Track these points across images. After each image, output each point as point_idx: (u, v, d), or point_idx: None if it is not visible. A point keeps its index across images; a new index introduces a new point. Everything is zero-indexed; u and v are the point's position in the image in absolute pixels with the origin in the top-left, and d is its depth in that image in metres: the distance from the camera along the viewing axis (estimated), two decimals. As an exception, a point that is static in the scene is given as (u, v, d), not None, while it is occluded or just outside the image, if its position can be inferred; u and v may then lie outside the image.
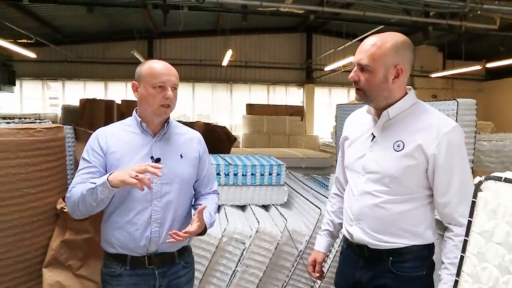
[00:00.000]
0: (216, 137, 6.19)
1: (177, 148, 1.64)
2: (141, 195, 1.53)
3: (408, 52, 1.39)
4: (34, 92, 12.57)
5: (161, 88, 1.54)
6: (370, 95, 1.40)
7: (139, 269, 1.57)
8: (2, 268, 1.99)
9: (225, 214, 2.73)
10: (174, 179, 1.59)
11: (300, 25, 12.36)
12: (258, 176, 3.02)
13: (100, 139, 1.58)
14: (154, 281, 1.58)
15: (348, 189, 1.55)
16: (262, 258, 2.51)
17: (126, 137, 1.60)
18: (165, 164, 1.54)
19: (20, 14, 8.64)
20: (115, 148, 1.56)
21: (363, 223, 1.43)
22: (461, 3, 5.20)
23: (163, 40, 12.34)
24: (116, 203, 1.56)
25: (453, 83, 13.14)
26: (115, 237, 1.56)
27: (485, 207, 0.72)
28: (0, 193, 1.97)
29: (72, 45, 11.80)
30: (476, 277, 0.71)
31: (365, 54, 1.37)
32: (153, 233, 1.54)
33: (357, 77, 1.40)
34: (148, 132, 1.60)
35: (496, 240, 0.69)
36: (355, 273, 1.48)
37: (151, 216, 1.54)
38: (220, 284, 2.49)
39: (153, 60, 1.64)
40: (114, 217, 1.57)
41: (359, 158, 1.48)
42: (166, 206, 1.57)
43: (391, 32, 1.41)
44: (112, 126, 1.66)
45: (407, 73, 1.40)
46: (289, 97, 13.41)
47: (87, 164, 1.55)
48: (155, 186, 1.54)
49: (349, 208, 1.50)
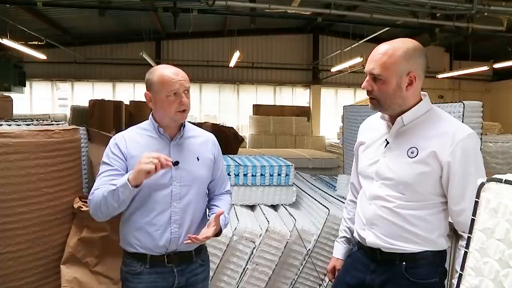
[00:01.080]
0: (224, 137, 6.24)
1: (193, 151, 1.68)
2: (161, 197, 1.58)
3: (420, 58, 1.38)
4: (43, 93, 12.75)
5: (176, 95, 1.56)
6: (384, 104, 1.40)
7: (158, 267, 1.61)
8: (23, 264, 2.08)
9: (235, 214, 2.79)
10: (192, 181, 1.64)
11: (307, 26, 12.40)
12: (268, 176, 3.07)
13: (119, 143, 1.61)
14: (173, 278, 1.63)
15: (361, 194, 1.56)
16: (272, 256, 2.57)
17: (144, 141, 1.63)
18: (183, 167, 1.60)
19: (32, 17, 8.79)
20: (135, 152, 1.59)
21: (376, 227, 1.44)
22: (468, 5, 5.22)
23: (170, 41, 12.45)
24: (136, 205, 1.60)
25: (460, 83, 13.11)
26: (135, 237, 1.60)
27: (487, 207, 0.78)
28: (21, 192, 2.05)
29: (81, 47, 11.96)
30: (479, 271, 0.77)
31: (377, 63, 1.37)
32: (173, 233, 1.59)
33: (370, 87, 1.40)
34: (165, 136, 1.64)
35: (496, 236, 0.75)
36: (365, 276, 1.47)
37: (170, 217, 1.59)
38: (231, 282, 2.55)
39: (162, 67, 1.63)
40: (135, 218, 1.61)
41: (372, 164, 1.48)
42: (185, 207, 1.62)
43: (401, 39, 1.41)
44: (129, 131, 1.69)
45: (421, 79, 1.40)
46: (295, 98, 13.46)
47: (108, 168, 1.58)
48: (175, 188, 1.60)
49: (362, 213, 1.51)
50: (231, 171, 3.01)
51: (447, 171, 1.33)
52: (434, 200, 1.39)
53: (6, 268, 2.02)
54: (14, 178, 2.02)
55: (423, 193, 1.37)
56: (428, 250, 1.38)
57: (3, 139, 1.98)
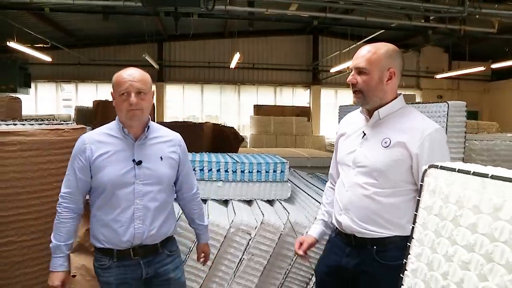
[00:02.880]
0: (224, 137, 6.41)
1: (157, 150, 1.75)
2: (124, 194, 1.67)
3: (399, 59, 1.59)
4: (48, 93, 12.99)
5: (126, 94, 1.62)
6: (367, 96, 1.57)
7: (125, 260, 1.70)
8: (36, 252, 2.26)
9: (232, 208, 2.95)
10: (154, 179, 1.72)
11: (307, 28, 12.57)
12: (263, 173, 3.23)
13: (85, 145, 1.69)
14: (141, 270, 1.72)
15: (339, 182, 1.72)
16: (266, 247, 2.73)
17: (108, 141, 1.70)
18: (146, 166, 1.70)
19: (37, 20, 8.99)
20: (100, 152, 1.67)
21: (351, 212, 1.60)
22: (459, 8, 5.38)
23: (172, 42, 12.63)
24: (101, 202, 1.70)
25: (459, 83, 13.23)
26: (101, 233, 1.70)
27: (428, 189, 0.94)
28: (34, 186, 2.24)
29: (85, 48, 12.17)
30: (421, 241, 0.94)
31: (362, 59, 1.56)
32: (137, 229, 1.68)
33: (355, 80, 1.58)
34: (129, 136, 1.71)
35: (434, 212, 0.91)
36: (341, 259, 1.63)
37: (133, 214, 1.68)
38: (228, 271, 2.71)
39: (125, 68, 1.70)
40: (100, 215, 1.70)
41: (350, 153, 1.65)
42: (147, 204, 1.70)
43: (382, 42, 1.62)
44: (95, 132, 1.76)
45: (398, 77, 1.59)
46: (296, 98, 13.63)
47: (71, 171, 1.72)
48: (137, 186, 1.68)
49: (339, 199, 1.67)
50: (229, 168, 3.17)
51: (416, 161, 1.49)
52: (405, 187, 1.53)
53: (21, 255, 2.21)
54: (28, 173, 2.21)
55: (395, 180, 1.52)
56: (397, 235, 1.53)
57: (18, 137, 2.16)
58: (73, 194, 1.71)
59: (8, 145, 2.14)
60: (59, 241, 1.70)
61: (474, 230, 0.78)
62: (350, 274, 1.60)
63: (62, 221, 1.70)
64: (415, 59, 12.88)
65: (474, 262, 0.77)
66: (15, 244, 2.19)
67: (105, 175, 1.66)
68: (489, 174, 0.77)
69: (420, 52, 12.51)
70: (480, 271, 0.75)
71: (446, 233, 0.85)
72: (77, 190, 1.71)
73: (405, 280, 0.97)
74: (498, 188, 0.74)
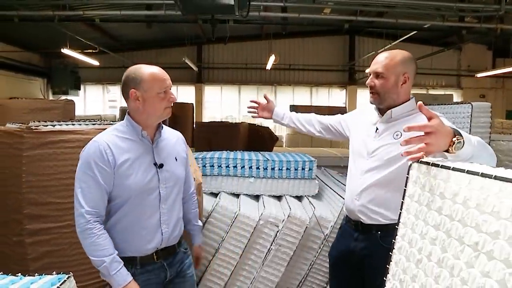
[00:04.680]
0: (259, 136, 6.65)
1: (171, 151, 1.71)
2: (150, 200, 1.60)
3: (412, 64, 1.78)
4: (95, 95, 13.83)
5: (165, 92, 1.60)
6: (383, 97, 1.78)
7: (149, 265, 1.63)
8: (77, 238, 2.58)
9: (263, 202, 3.18)
10: (173, 182, 1.67)
11: (342, 28, 12.56)
12: (292, 170, 3.44)
13: (105, 150, 1.53)
14: (165, 273, 1.67)
15: (352, 170, 1.92)
16: (293, 239, 2.93)
17: (127, 146, 1.58)
18: (166, 169, 1.63)
19: (87, 28, 9.66)
20: (122, 158, 1.54)
21: (363, 198, 1.80)
22: (496, 6, 5.29)
23: (211, 45, 13.04)
24: (124, 211, 1.58)
25: (504, 82, 12.72)
26: (124, 241, 1.59)
27: (411, 180, 1.12)
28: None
29: (129, 52, 12.82)
30: (405, 224, 1.11)
31: (380, 64, 1.77)
32: (164, 233, 1.64)
33: (373, 83, 1.79)
34: (146, 139, 1.62)
35: (414, 199, 1.09)
36: (350, 243, 1.85)
37: (160, 219, 1.63)
38: (257, 260, 2.94)
39: (145, 66, 1.64)
40: (124, 223, 1.59)
41: (364, 145, 1.85)
42: (171, 207, 1.67)
43: (398, 50, 1.82)
44: (108, 135, 1.60)
45: (411, 81, 1.78)
46: (331, 98, 13.66)
47: (92, 182, 1.53)
48: (162, 191, 1.62)
49: (352, 186, 1.88)
50: (260, 165, 3.40)
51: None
52: None
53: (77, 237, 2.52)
54: (83, 167, 2.54)
55: (404, 168, 1.69)
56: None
57: (76, 135, 2.50)
58: (99, 207, 1.55)
59: (68, 142, 2.48)
60: (111, 253, 1.53)
61: (440, 212, 0.95)
62: (358, 256, 1.81)
63: (100, 235, 1.54)
64: (455, 58, 12.54)
65: (439, 238, 0.94)
66: (73, 227, 2.49)
67: (132, 184, 1.55)
68: (451, 167, 0.94)
69: (461, 50, 12.17)
70: (442, 245, 0.92)
71: (422, 216, 1.03)
72: (102, 202, 1.56)
73: (392, 257, 1.15)
74: (457, 178, 0.92)
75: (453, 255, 0.87)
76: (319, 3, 5.93)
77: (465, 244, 0.84)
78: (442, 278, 0.89)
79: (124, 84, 1.62)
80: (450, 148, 1.14)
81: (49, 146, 2.44)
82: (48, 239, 2.49)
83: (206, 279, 2.85)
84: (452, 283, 0.85)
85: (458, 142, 1.14)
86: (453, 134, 1.16)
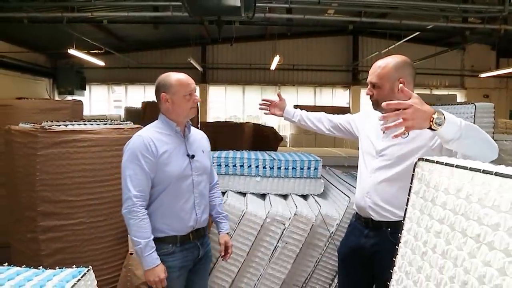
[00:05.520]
0: (264, 136, 6.71)
1: (199, 145, 2.01)
2: (186, 186, 1.89)
3: (407, 68, 1.81)
4: (100, 95, 13.93)
5: (190, 94, 1.89)
6: (381, 105, 1.83)
7: (186, 244, 1.92)
8: (101, 232, 2.66)
9: (269, 201, 3.24)
10: (202, 170, 1.97)
11: (346, 28, 12.61)
12: (298, 169, 3.49)
13: (148, 143, 1.81)
14: (198, 251, 1.98)
15: (362, 169, 1.99)
16: (299, 237, 2.98)
17: (165, 139, 1.88)
18: (196, 159, 1.93)
19: (93, 29, 9.75)
20: (163, 149, 1.83)
21: (372, 195, 1.85)
22: (500, 7, 5.33)
23: (215, 46, 13.12)
24: (166, 195, 1.85)
25: (508, 82, 12.72)
26: (165, 223, 1.86)
27: (417, 177, 1.18)
28: (100, 177, 2.64)
29: (134, 53, 12.92)
30: (411, 219, 1.17)
31: (374, 75, 1.83)
32: (198, 214, 1.94)
33: (371, 93, 1.87)
34: (180, 134, 1.93)
35: (420, 195, 1.15)
36: (360, 240, 1.90)
37: (194, 202, 1.92)
38: (264, 257, 3.00)
39: (173, 73, 1.93)
40: (165, 207, 1.86)
41: (372, 145, 1.92)
42: (201, 192, 1.97)
43: (393, 55, 1.86)
44: (149, 131, 1.90)
45: (410, 83, 1.82)
46: (335, 99, 13.71)
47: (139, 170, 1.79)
48: (195, 178, 1.92)
49: (362, 184, 1.94)
50: (266, 164, 3.46)
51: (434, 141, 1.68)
52: None
53: (89, 234, 2.61)
54: (95, 165, 2.61)
55: (411, 165, 1.74)
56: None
57: (88, 135, 2.57)
58: (144, 192, 1.81)
59: (80, 142, 2.55)
60: (147, 237, 1.77)
61: (444, 207, 1.01)
62: (367, 252, 1.86)
63: (143, 218, 1.77)
64: (459, 58, 12.54)
65: (443, 232, 1.00)
66: (85, 225, 2.60)
67: (171, 171, 1.83)
68: (455, 164, 1.00)
69: (464, 51, 12.18)
70: (446, 238, 0.98)
71: (427, 210, 1.09)
72: (147, 187, 1.82)
73: (399, 250, 1.21)
74: (460, 174, 0.98)
75: (457, 247, 0.93)
76: (323, 4, 5.98)
77: (467, 236, 0.89)
78: (446, 268, 0.94)
79: (157, 89, 1.92)
80: (431, 124, 1.24)
81: (62, 145, 2.51)
82: (60, 236, 2.57)
83: (214, 275, 2.91)
84: (456, 272, 0.90)
85: (438, 118, 1.24)
86: (433, 111, 1.26)
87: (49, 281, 1.26)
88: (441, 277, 0.96)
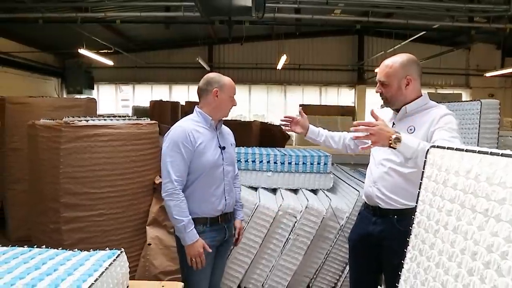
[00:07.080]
0: (271, 135, 6.80)
1: (227, 138, 2.22)
2: (217, 174, 2.09)
3: (414, 65, 1.93)
4: (108, 94, 14.09)
5: (233, 98, 2.15)
6: (391, 101, 1.98)
7: (215, 225, 2.11)
8: (120, 224, 2.77)
9: (281, 195, 3.34)
10: (231, 161, 2.19)
11: (352, 28, 12.68)
12: (308, 164, 3.58)
13: (190, 135, 2.01)
14: (225, 233, 2.17)
15: (371, 159, 2.10)
16: (310, 229, 3.08)
17: (202, 130, 2.08)
18: (226, 150, 2.14)
19: (103, 28, 9.89)
20: (200, 141, 2.03)
21: (380, 184, 1.96)
22: (505, 6, 5.40)
23: (222, 45, 13.24)
24: (200, 182, 2.05)
25: (513, 81, 12.75)
26: (198, 206, 2.05)
27: (429, 162, 1.27)
28: (120, 170, 2.75)
29: (142, 52, 13.06)
30: (423, 201, 1.26)
31: (382, 73, 1.95)
32: (227, 199, 2.14)
33: (380, 90, 1.99)
34: (213, 127, 2.13)
35: (432, 179, 1.24)
36: (369, 227, 2.01)
37: (224, 189, 2.12)
38: (276, 249, 3.10)
39: (226, 77, 2.16)
40: (199, 192, 2.06)
41: None
42: (230, 181, 2.17)
43: (400, 54, 1.97)
44: (187, 123, 2.09)
45: (417, 80, 1.93)
46: (341, 98, 13.79)
47: (180, 158, 1.98)
48: (225, 167, 2.12)
49: (371, 173, 2.04)
50: (277, 160, 3.55)
51: (431, 134, 1.79)
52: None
53: (109, 225, 2.72)
54: (115, 159, 2.72)
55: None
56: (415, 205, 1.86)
57: (108, 130, 2.68)
58: (183, 177, 2.00)
59: (101, 136, 2.66)
60: (187, 216, 1.97)
61: (455, 187, 1.10)
62: (375, 239, 1.96)
63: (182, 200, 1.98)
64: (464, 57, 12.59)
65: (454, 210, 1.09)
66: (105, 216, 2.71)
67: (206, 159, 2.03)
68: (464, 149, 1.10)
69: (470, 50, 12.22)
70: (457, 215, 1.07)
71: (439, 192, 1.18)
72: (185, 173, 2.01)
73: (412, 231, 1.31)
74: (470, 157, 1.07)
75: (467, 222, 1.02)
76: (331, 4, 6.08)
77: (477, 212, 0.99)
78: (457, 242, 1.04)
79: (208, 84, 2.10)
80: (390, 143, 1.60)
81: (85, 139, 2.62)
82: (82, 226, 2.68)
83: (228, 267, 3.01)
84: (466, 245, 1.00)
85: (395, 139, 1.59)
86: (393, 133, 1.60)
87: (87, 261, 1.35)
88: (452, 251, 1.06)
